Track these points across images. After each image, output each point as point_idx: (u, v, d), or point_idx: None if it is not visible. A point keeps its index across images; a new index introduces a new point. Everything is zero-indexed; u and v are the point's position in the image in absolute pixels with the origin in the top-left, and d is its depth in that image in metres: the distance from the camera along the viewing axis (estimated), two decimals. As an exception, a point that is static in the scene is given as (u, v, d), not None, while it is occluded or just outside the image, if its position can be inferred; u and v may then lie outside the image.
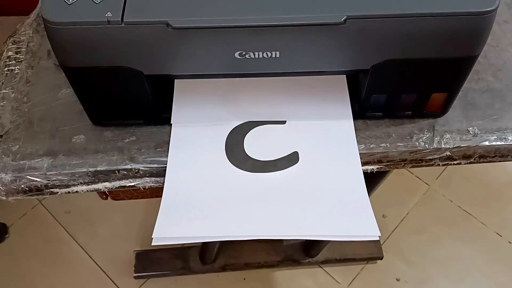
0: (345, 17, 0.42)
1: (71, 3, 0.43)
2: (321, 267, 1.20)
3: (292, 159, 0.50)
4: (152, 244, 0.43)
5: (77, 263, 1.21)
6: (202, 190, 0.48)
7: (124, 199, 0.91)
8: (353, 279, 1.19)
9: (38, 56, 0.61)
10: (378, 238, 0.43)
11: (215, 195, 0.47)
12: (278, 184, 0.48)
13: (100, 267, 1.21)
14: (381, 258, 1.20)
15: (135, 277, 1.18)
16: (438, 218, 1.28)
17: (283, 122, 0.53)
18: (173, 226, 0.45)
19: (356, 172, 0.49)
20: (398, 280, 1.19)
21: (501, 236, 1.25)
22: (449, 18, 0.43)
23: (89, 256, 1.23)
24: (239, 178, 0.49)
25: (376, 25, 0.43)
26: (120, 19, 0.42)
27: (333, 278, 1.19)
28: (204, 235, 0.45)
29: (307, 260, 1.19)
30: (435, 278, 1.19)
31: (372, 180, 0.81)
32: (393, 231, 1.26)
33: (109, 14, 0.42)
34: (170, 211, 0.46)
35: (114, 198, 0.90)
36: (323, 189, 0.48)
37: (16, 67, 0.60)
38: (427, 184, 1.32)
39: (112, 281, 1.19)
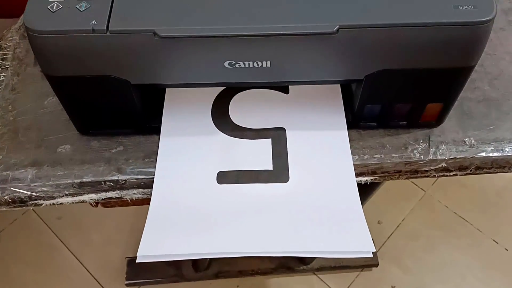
0: (338, 26, 0.41)
1: (55, 11, 0.42)
2: (315, 274, 1.19)
3: (284, 170, 0.49)
4: (137, 262, 0.42)
5: (68, 270, 1.20)
6: (190, 205, 0.46)
7: (115, 206, 0.89)
8: (348, 287, 1.18)
9: (25, 63, 0.59)
10: (372, 255, 0.42)
11: (203, 210, 0.46)
12: (268, 197, 0.47)
13: (91, 274, 1.19)
14: (376, 265, 1.19)
15: (127, 285, 1.16)
16: (434, 224, 1.26)
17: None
18: (160, 243, 0.44)
19: (350, 185, 0.47)
20: (393, 287, 1.18)
21: (497, 242, 1.24)
22: (445, 28, 0.42)
23: (81, 262, 1.21)
24: (229, 192, 0.47)
25: (370, 35, 0.42)
26: (105, 27, 0.41)
27: (328, 285, 1.18)
28: (192, 252, 0.43)
29: (301, 268, 1.17)
30: (430, 285, 1.18)
31: (366, 189, 0.79)
32: (388, 237, 1.25)
33: (94, 22, 0.41)
34: (157, 227, 0.45)
35: (104, 206, 0.89)
36: (315, 203, 0.46)
37: (1, 74, 0.58)
38: (423, 190, 1.31)
39: (104, 288, 1.18)
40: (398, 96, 0.49)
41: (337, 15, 0.41)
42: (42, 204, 0.52)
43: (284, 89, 0.53)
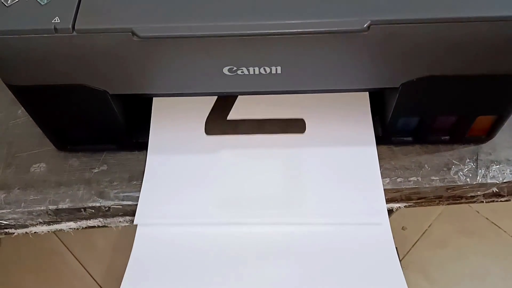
0: (369, 22, 0.32)
1: (10, 5, 0.33)
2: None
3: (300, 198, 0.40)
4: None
5: (72, 277, 1.15)
6: (181, 248, 0.38)
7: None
8: (369, 299, 1.10)
9: (-2, 64, 0.52)
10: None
11: (197, 257, 0.37)
12: (277, 238, 0.38)
13: (96, 281, 1.15)
14: (400, 276, 1.11)
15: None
16: (464, 231, 1.18)
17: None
18: None
19: (382, 227, 0.38)
20: (418, 300, 1.10)
21: (534, 252, 1.14)
22: (504, 23, 0.32)
23: (85, 269, 1.16)
24: (232, 232, 0.38)
25: (409, 33, 0.33)
26: (70, 26, 0.32)
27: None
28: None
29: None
30: (459, 297, 1.09)
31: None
32: (413, 245, 1.17)
33: (56, 19, 0.32)
34: (138, 278, 0.36)
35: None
36: (336, 247, 0.37)
37: (-31, 79, 0.50)
38: (452, 193, 1.22)
39: (109, 296, 1.12)
40: (442, 107, 0.40)
41: (367, 8, 0.32)
42: (14, 233, 0.45)
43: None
